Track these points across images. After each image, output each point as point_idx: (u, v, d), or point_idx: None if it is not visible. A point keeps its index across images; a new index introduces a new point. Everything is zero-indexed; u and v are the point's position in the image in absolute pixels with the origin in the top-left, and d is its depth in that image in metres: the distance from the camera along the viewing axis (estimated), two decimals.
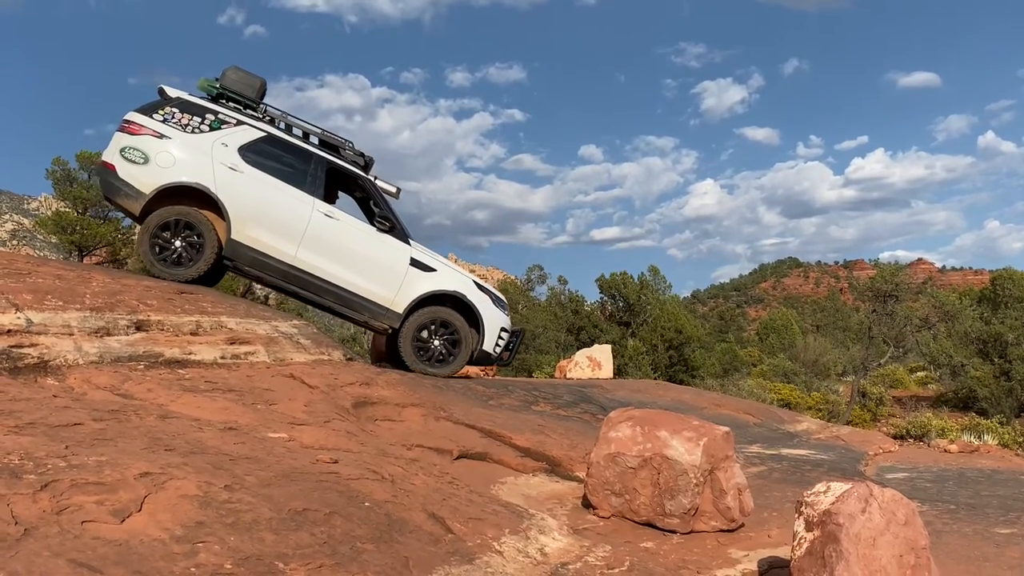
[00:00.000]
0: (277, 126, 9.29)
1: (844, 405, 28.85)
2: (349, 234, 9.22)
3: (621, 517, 5.10)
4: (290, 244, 8.90)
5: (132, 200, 8.59)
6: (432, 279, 9.46)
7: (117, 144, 8.70)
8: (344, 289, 9.15)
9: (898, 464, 9.50)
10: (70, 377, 5.07)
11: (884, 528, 3.58)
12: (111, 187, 8.71)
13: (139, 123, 8.73)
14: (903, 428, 22.63)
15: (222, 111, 9.00)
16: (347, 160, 9.51)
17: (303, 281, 9.04)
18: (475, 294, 9.64)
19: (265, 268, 8.93)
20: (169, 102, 8.92)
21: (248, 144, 8.93)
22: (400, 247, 9.38)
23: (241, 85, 9.31)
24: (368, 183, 9.55)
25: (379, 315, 9.33)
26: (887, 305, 30.50)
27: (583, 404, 9.31)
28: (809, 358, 38.20)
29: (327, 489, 3.79)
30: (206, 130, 8.82)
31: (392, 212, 9.50)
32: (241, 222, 8.74)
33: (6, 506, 2.69)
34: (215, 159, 8.72)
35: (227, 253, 8.78)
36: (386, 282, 9.27)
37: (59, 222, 29.88)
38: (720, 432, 5.15)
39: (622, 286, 38.77)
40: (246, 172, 8.81)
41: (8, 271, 6.34)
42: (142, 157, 8.58)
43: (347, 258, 9.13)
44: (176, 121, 8.78)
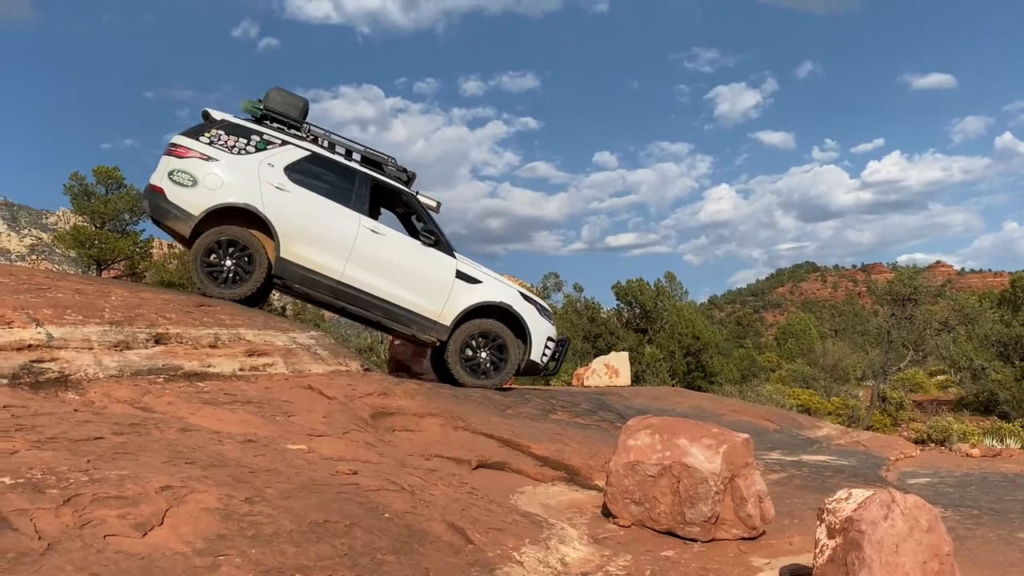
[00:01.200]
0: (321, 145, 9.39)
1: (864, 410, 28.68)
2: (395, 249, 9.28)
3: (641, 526, 5.08)
4: (338, 261, 8.98)
5: (182, 222, 8.68)
6: (478, 291, 9.50)
7: (165, 167, 8.81)
8: (392, 303, 9.21)
9: (920, 469, 9.43)
10: (90, 391, 5.10)
11: (907, 534, 3.55)
12: (161, 210, 8.79)
13: (186, 146, 8.84)
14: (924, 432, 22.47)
15: (267, 132, 9.10)
16: (390, 176, 9.58)
17: (351, 297, 9.11)
18: (521, 304, 9.67)
19: (314, 285, 9.02)
20: (215, 124, 9.02)
21: (293, 164, 9.01)
22: (446, 260, 9.44)
23: (284, 105, 9.42)
24: (411, 198, 9.64)
25: (427, 328, 9.38)
26: (906, 308, 30.30)
27: (601, 412, 9.28)
28: (828, 363, 37.98)
29: (347, 501, 3.80)
30: (252, 151, 8.92)
31: (436, 225, 9.56)
32: (289, 240, 8.82)
33: (29, 521, 2.70)
34: (262, 179, 8.82)
35: (277, 271, 8.86)
36: (433, 295, 9.32)
37: (77, 236, 30.13)
38: (740, 439, 5.12)
39: (638, 293, 38.69)
40: (293, 191, 8.91)
41: (28, 286, 6.38)
42: (190, 179, 8.68)
43: (394, 272, 9.19)
44: (222, 143, 8.89)
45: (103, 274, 29.13)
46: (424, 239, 9.39)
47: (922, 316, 30.95)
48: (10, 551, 2.49)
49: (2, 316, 5.35)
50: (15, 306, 5.58)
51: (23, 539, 2.58)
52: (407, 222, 10.29)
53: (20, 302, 5.72)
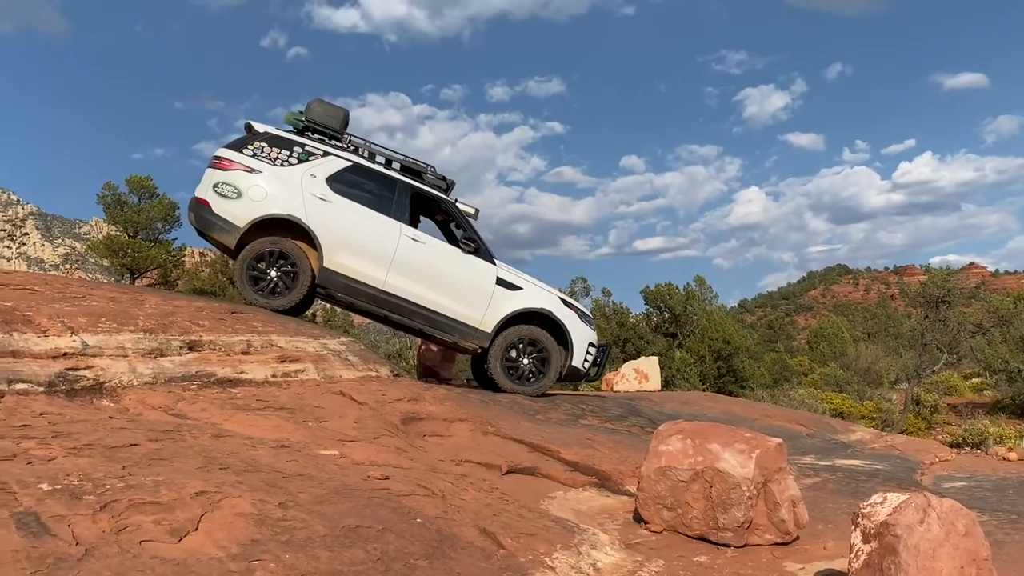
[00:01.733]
0: (361, 155, 9.47)
1: (898, 414, 28.36)
2: (436, 257, 9.34)
3: (673, 531, 5.05)
4: (380, 269, 9.05)
5: (227, 234, 8.81)
6: (519, 297, 9.53)
7: (210, 180, 8.94)
8: (433, 311, 9.26)
9: (955, 473, 9.31)
10: (125, 398, 5.15)
11: (944, 539, 3.51)
12: (206, 222, 8.92)
13: (230, 159, 8.96)
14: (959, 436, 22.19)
15: (309, 143, 9.20)
16: (429, 184, 9.64)
17: (393, 305, 9.18)
18: (562, 310, 9.69)
19: (356, 294, 9.09)
20: (257, 137, 9.14)
21: (335, 174, 9.11)
22: (486, 267, 9.48)
23: (325, 117, 9.52)
24: (451, 206, 9.70)
25: (468, 335, 9.43)
26: (939, 311, 29.94)
27: (631, 417, 9.25)
28: (861, 366, 37.56)
29: (379, 506, 3.81)
30: (295, 162, 9.02)
31: (476, 233, 9.61)
32: (332, 250, 8.90)
33: (67, 527, 2.74)
34: (304, 190, 8.91)
35: (320, 281, 8.95)
36: (474, 303, 9.36)
37: (110, 245, 30.49)
38: (773, 444, 5.09)
39: (667, 297, 38.52)
40: (335, 202, 8.99)
41: (63, 295, 6.47)
42: (235, 192, 8.80)
43: (435, 280, 9.25)
44: (265, 155, 8.99)
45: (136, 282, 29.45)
46: (464, 246, 9.44)
47: (956, 318, 30.56)
48: (49, 556, 2.52)
49: (38, 325, 5.43)
50: (51, 315, 5.65)
51: (61, 544, 2.61)
52: (446, 229, 10.35)
53: (55, 311, 5.79)
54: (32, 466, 3.29)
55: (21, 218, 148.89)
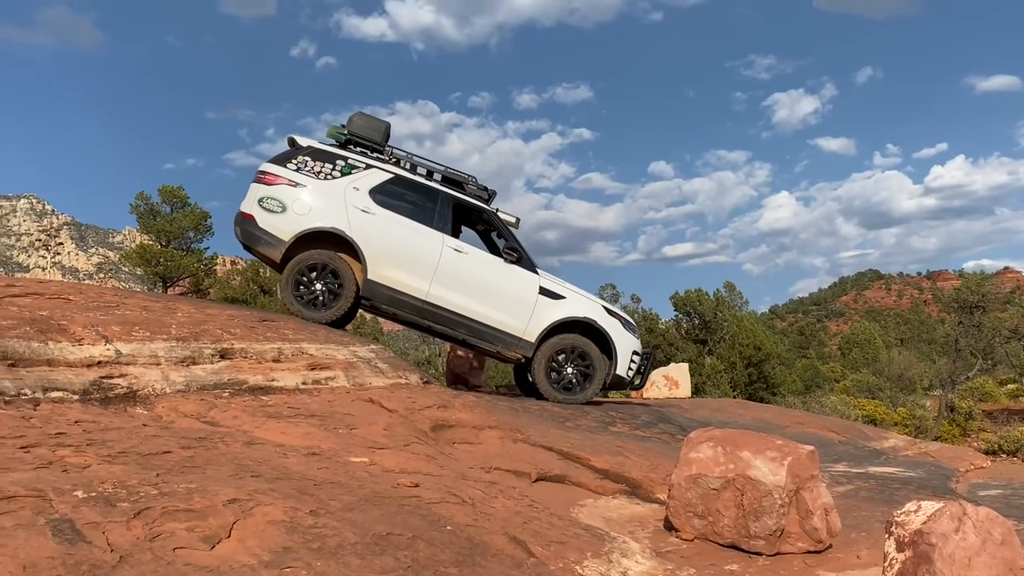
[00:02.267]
0: (403, 167, 9.56)
1: (932, 420, 28.05)
2: (479, 267, 9.40)
3: (704, 539, 5.02)
4: (423, 280, 9.11)
5: (272, 248, 8.95)
6: (562, 306, 9.54)
7: (255, 195, 9.08)
8: (477, 321, 9.31)
9: (991, 481, 9.18)
10: (158, 406, 5.21)
11: (980, 548, 3.46)
12: (252, 236, 9.07)
13: (274, 173, 9.10)
14: (995, 443, 21.92)
15: (351, 156, 9.32)
16: (471, 195, 9.71)
17: (437, 316, 9.25)
18: (605, 319, 9.68)
19: (401, 305, 9.18)
20: (301, 151, 9.27)
21: (378, 186, 9.21)
22: (529, 277, 9.52)
23: (367, 130, 9.64)
24: (492, 216, 9.75)
25: (512, 345, 9.46)
26: (974, 316, 29.62)
27: (661, 424, 9.21)
28: (894, 372, 37.19)
29: (409, 513, 3.82)
30: (338, 176, 9.14)
31: (518, 242, 9.64)
32: (376, 262, 9.00)
33: (101, 534, 2.77)
34: (348, 203, 9.02)
35: (365, 293, 9.05)
36: (517, 312, 9.40)
37: (143, 254, 30.85)
38: (805, 451, 5.04)
39: (697, 303, 38.38)
40: (378, 214, 9.09)
41: (97, 303, 6.55)
42: (280, 206, 8.93)
43: (478, 291, 9.30)
44: (309, 169, 9.12)
45: (169, 291, 29.78)
46: (506, 256, 9.48)
47: (991, 323, 30.23)
48: (84, 563, 2.55)
49: (73, 333, 5.50)
50: (85, 323, 5.73)
51: (96, 551, 2.64)
52: (487, 239, 10.41)
53: (90, 319, 5.87)
54: (67, 473, 3.33)
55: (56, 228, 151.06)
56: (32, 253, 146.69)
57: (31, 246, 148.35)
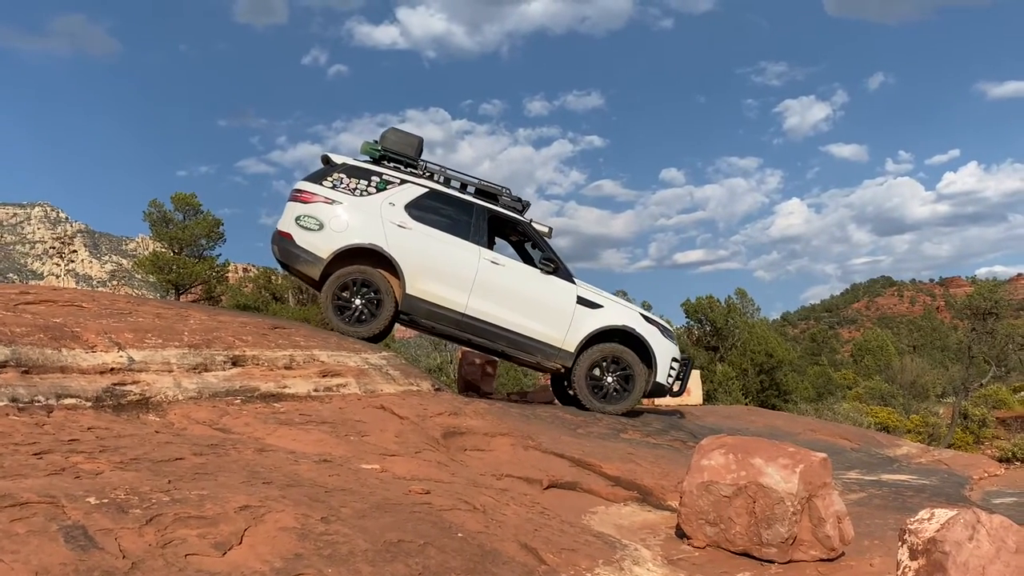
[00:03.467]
0: (437, 180, 9.60)
1: (945, 428, 27.90)
2: (516, 279, 9.43)
3: (716, 547, 5.00)
4: (461, 294, 9.16)
5: (311, 265, 9.04)
6: (600, 315, 9.54)
7: (291, 213, 9.16)
8: (516, 333, 9.33)
9: (1005, 488, 9.13)
10: (170, 413, 5.22)
11: (994, 556, 3.44)
12: (290, 255, 9.16)
13: (310, 191, 9.19)
14: (1009, 450, 21.78)
15: (386, 172, 9.36)
16: (504, 206, 9.73)
17: (476, 328, 9.28)
18: (643, 327, 9.66)
19: (439, 319, 9.24)
20: (335, 168, 9.34)
21: (413, 201, 9.26)
22: (566, 287, 9.52)
23: (401, 145, 9.68)
24: (528, 227, 9.77)
25: (551, 356, 9.47)
26: (987, 323, 29.46)
27: (673, 431, 9.20)
28: (906, 379, 37.05)
29: (420, 520, 3.82)
30: (373, 192, 9.21)
31: (554, 253, 9.65)
32: (414, 277, 9.06)
33: (114, 540, 2.78)
34: (384, 219, 9.09)
35: (404, 308, 9.11)
36: (555, 323, 9.40)
37: (156, 262, 30.98)
38: (817, 458, 5.02)
39: (708, 310, 38.29)
40: (414, 228, 9.14)
41: (110, 311, 6.58)
42: (317, 224, 9.01)
43: (516, 302, 9.33)
44: (344, 186, 9.20)
45: (181, 298, 29.87)
46: (543, 267, 9.48)
47: (1004, 330, 30.05)
48: (96, 569, 2.56)
49: (86, 340, 5.52)
50: (98, 331, 5.75)
51: (108, 557, 2.65)
52: (521, 249, 10.43)
53: (103, 326, 5.90)
54: (80, 480, 3.34)
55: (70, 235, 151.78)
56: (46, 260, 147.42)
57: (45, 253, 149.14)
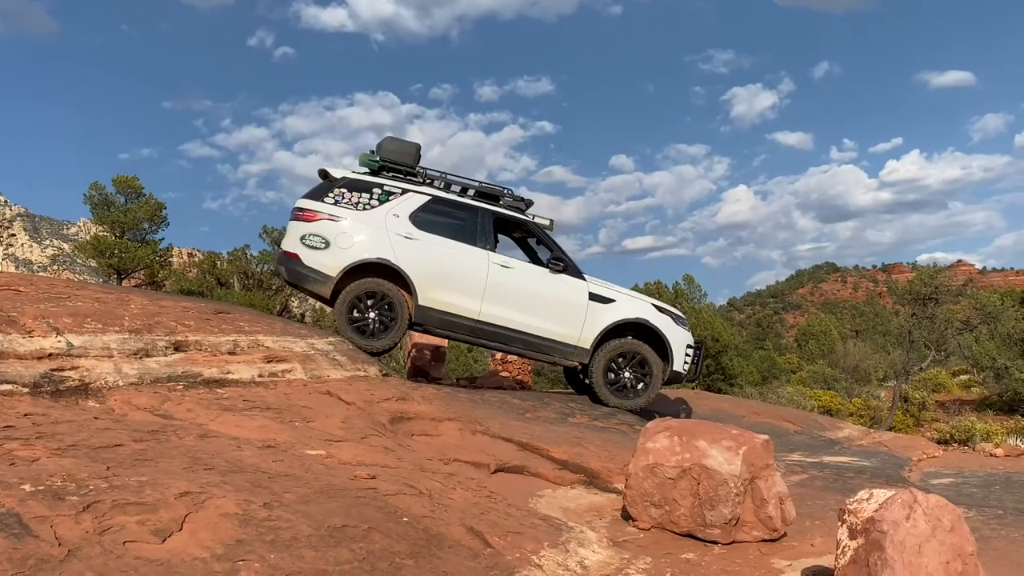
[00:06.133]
0: (437, 186, 9.51)
1: (886, 411, 28.47)
2: (527, 280, 9.41)
3: (661, 528, 5.05)
4: (473, 300, 9.14)
5: (321, 284, 8.97)
6: (613, 310, 9.52)
7: (296, 232, 9.07)
8: (531, 335, 9.33)
9: (943, 469, 9.36)
10: (111, 399, 5.13)
11: (930, 535, 3.52)
12: (298, 275, 9.08)
13: (313, 209, 9.09)
14: (947, 433, 22.27)
15: (387, 183, 9.29)
16: (508, 207, 9.69)
17: (490, 333, 9.28)
18: (657, 317, 9.66)
19: (453, 327, 9.23)
20: (336, 183, 9.23)
21: (417, 210, 9.21)
22: (577, 284, 9.50)
23: (399, 154, 9.57)
24: (533, 227, 9.76)
25: (568, 354, 9.48)
26: (927, 308, 30.05)
27: (620, 415, 9.25)
28: (849, 364, 37.71)
29: (365, 505, 3.80)
30: (376, 204, 9.14)
31: (563, 251, 9.63)
32: (425, 287, 9.03)
33: (49, 528, 2.72)
34: (390, 231, 9.03)
35: (417, 319, 9.09)
36: (569, 321, 9.39)
37: (97, 246, 30.35)
38: (760, 440, 5.10)
39: (657, 296, 38.57)
40: (421, 238, 9.10)
41: (48, 295, 6.44)
42: (323, 242, 8.93)
43: (529, 304, 9.31)
44: (347, 201, 9.12)
45: (123, 283, 29.32)
46: (553, 267, 9.45)
47: (943, 315, 30.68)
48: (31, 557, 2.51)
49: (23, 325, 5.40)
50: (35, 315, 5.62)
51: (43, 545, 2.60)
52: (524, 245, 10.39)
53: (40, 311, 5.77)
54: (15, 467, 3.27)
55: (9, 219, 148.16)
56: None
57: None
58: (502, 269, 9.27)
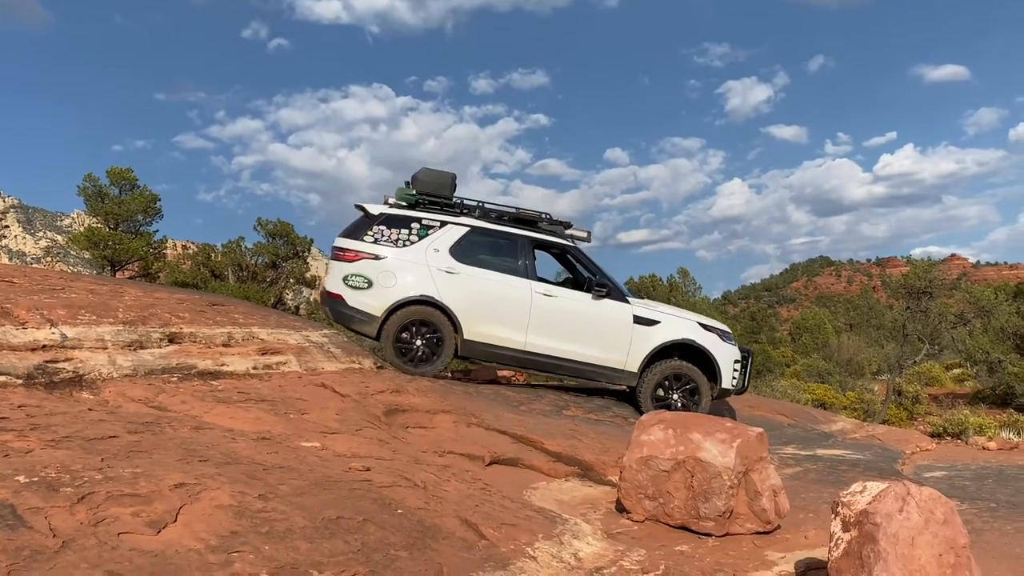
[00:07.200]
0: (474, 215, 9.47)
1: (879, 404, 28.52)
2: (571, 309, 9.33)
3: (655, 521, 5.07)
4: (519, 332, 9.12)
5: (366, 324, 8.95)
6: (659, 331, 9.45)
7: (338, 273, 9.05)
8: (577, 362, 9.28)
9: (936, 463, 9.38)
10: (105, 390, 5.12)
11: (923, 527, 3.53)
12: (343, 316, 9.06)
13: (354, 249, 9.06)
14: (940, 426, 22.31)
15: (425, 216, 9.24)
16: (547, 233, 9.64)
17: (537, 363, 9.26)
18: (703, 336, 9.57)
19: (500, 358, 9.23)
20: (375, 220, 9.18)
21: (456, 243, 9.18)
22: (621, 308, 9.42)
23: (435, 185, 9.53)
24: (574, 250, 9.71)
25: (615, 378, 9.45)
26: (921, 302, 30.06)
27: (614, 408, 9.27)
28: (843, 357, 37.77)
29: (360, 497, 3.80)
30: (415, 240, 9.11)
31: (605, 275, 9.57)
32: (470, 322, 9.00)
33: (44, 519, 2.72)
34: (431, 267, 9.01)
35: (463, 352, 9.09)
36: (615, 346, 9.33)
37: (91, 238, 30.21)
38: (753, 433, 5.11)
39: (651, 289, 38.54)
40: (462, 272, 9.07)
41: (42, 287, 6.42)
42: (365, 282, 8.92)
43: (574, 332, 9.25)
44: (386, 238, 9.09)
45: (117, 275, 29.23)
46: (596, 293, 9.37)
47: (937, 309, 30.69)
48: (25, 548, 2.51)
49: (16, 317, 5.39)
50: (29, 307, 5.61)
51: (38, 537, 2.60)
52: (564, 261, 10.31)
53: (34, 303, 5.75)
54: (9, 458, 3.26)
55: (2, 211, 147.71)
56: None
57: None
58: (545, 298, 9.23)
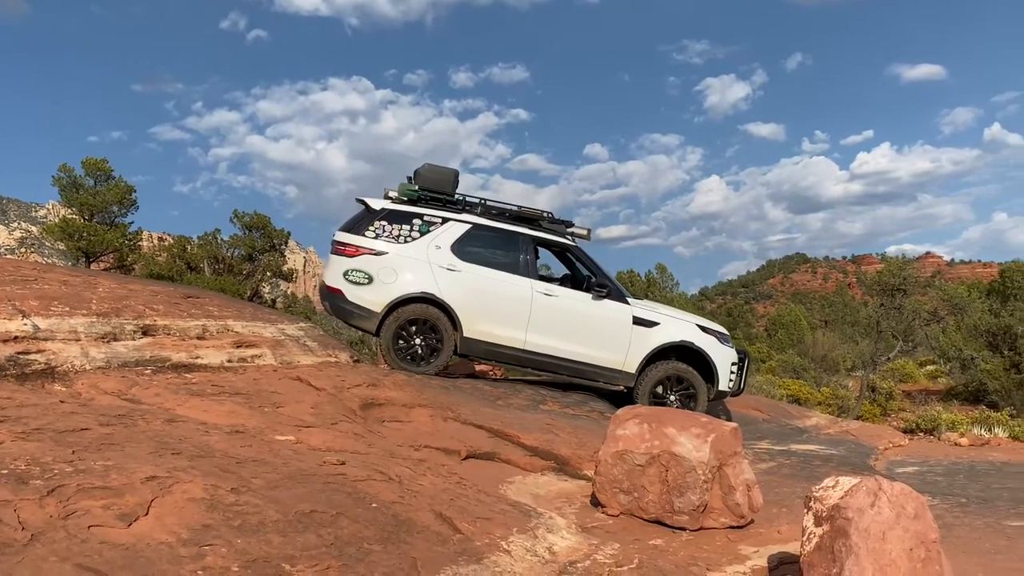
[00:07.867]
0: (476, 212, 9.44)
1: (854, 400, 28.73)
2: (571, 308, 9.33)
3: (630, 515, 5.08)
4: (518, 331, 9.12)
5: (366, 320, 8.93)
6: (658, 333, 9.46)
7: (338, 267, 8.99)
8: (576, 362, 9.30)
9: (908, 458, 9.47)
10: (77, 383, 5.08)
11: (894, 522, 3.56)
12: (342, 311, 9.04)
13: (355, 244, 9.01)
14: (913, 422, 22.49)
15: (427, 213, 9.21)
16: (549, 231, 9.63)
17: (536, 362, 9.26)
18: (701, 338, 9.58)
19: (499, 356, 9.23)
20: (376, 215, 9.13)
21: (458, 240, 9.17)
22: (620, 309, 9.43)
23: (437, 181, 9.48)
24: (575, 250, 9.71)
25: (613, 378, 9.48)
26: (895, 299, 30.30)
27: (591, 403, 9.29)
28: (818, 353, 38.05)
29: (334, 491, 3.79)
30: (417, 236, 9.09)
31: (605, 275, 9.59)
32: (470, 320, 8.99)
33: (12, 512, 2.69)
34: (432, 264, 8.99)
35: (462, 350, 9.07)
36: (614, 346, 9.34)
37: (66, 228, 29.91)
38: (728, 428, 5.13)
39: (629, 284, 38.68)
40: (464, 270, 9.06)
41: (15, 278, 6.35)
42: (366, 277, 8.89)
43: (573, 333, 9.26)
44: (388, 234, 9.06)
45: (92, 266, 28.97)
46: (596, 293, 9.38)
47: (911, 306, 30.94)
48: None
49: None
50: (1, 298, 5.55)
51: (6, 530, 2.57)
52: (564, 258, 10.31)
53: (6, 293, 5.69)
54: None
55: None
56: None
57: None
58: (546, 298, 9.23)
